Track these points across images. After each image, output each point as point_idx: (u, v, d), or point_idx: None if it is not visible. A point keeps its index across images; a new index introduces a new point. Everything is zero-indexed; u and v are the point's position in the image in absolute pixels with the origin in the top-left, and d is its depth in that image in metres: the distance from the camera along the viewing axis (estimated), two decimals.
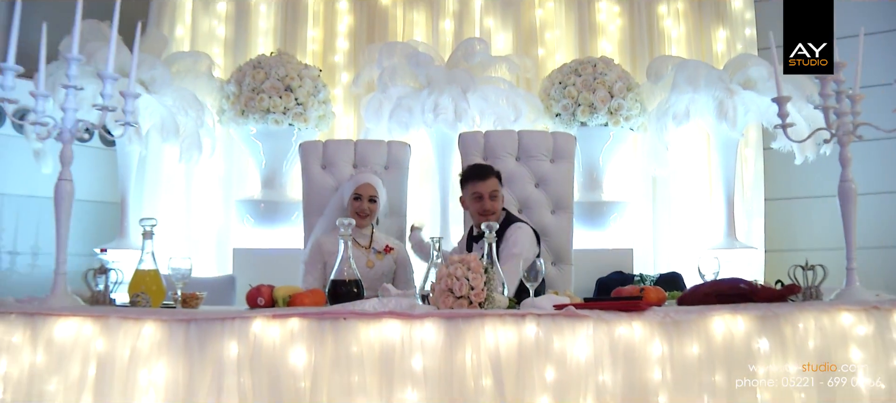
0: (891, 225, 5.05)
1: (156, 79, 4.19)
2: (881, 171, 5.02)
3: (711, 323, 2.31)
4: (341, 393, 2.18)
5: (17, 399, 2.21)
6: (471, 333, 2.23)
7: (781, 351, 2.31)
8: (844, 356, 2.34)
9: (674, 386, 2.25)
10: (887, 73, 4.90)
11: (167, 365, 2.22)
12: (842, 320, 2.38)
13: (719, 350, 2.29)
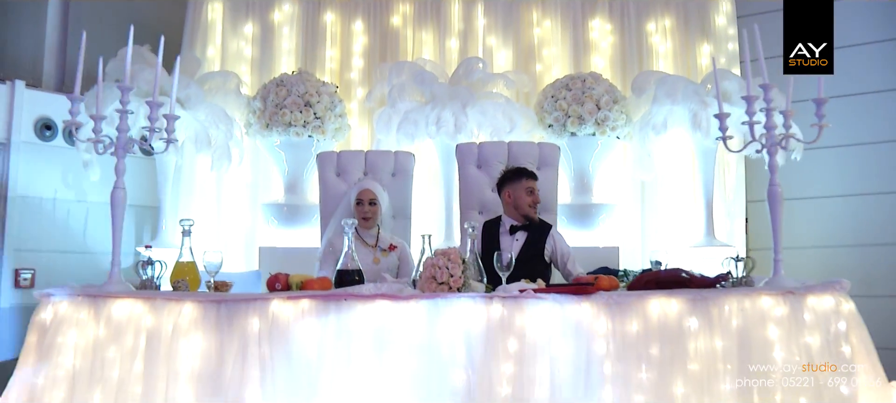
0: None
1: (190, 97, 4.78)
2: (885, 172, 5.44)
3: (649, 305, 2.81)
4: (342, 361, 2.72)
5: (84, 364, 2.79)
6: (448, 312, 2.75)
7: (709, 329, 2.80)
8: (762, 333, 2.82)
9: (616, 357, 2.75)
10: (887, 81, 5.37)
11: (202, 338, 2.78)
12: (762, 303, 2.86)
13: (655, 328, 2.79)
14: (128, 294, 2.89)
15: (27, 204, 4.90)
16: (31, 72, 5.14)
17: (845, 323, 2.89)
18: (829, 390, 2.80)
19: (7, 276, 4.82)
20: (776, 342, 2.81)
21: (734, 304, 2.83)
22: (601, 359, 2.74)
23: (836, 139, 5.58)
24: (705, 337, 2.79)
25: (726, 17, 5.51)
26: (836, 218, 5.56)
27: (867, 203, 5.45)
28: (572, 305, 2.78)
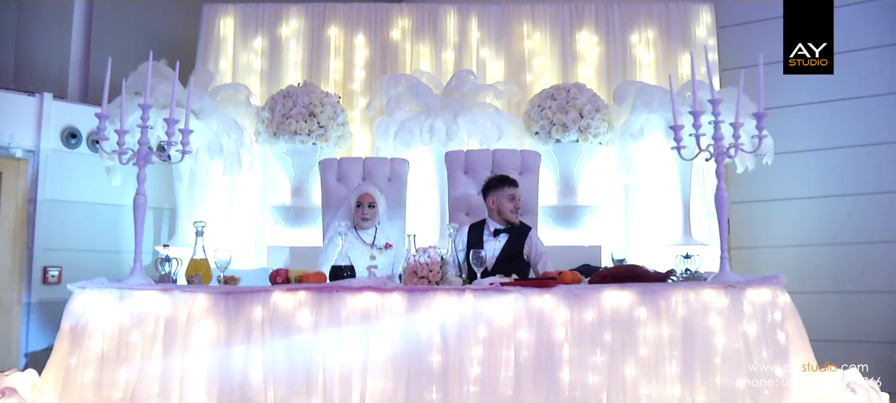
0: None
1: (204, 108, 5.23)
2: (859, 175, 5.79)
3: (603, 297, 3.22)
4: (333, 343, 3.15)
5: (111, 347, 3.24)
6: (425, 302, 3.18)
7: (656, 318, 3.21)
8: (704, 322, 3.21)
9: (573, 342, 3.16)
10: (862, 88, 5.70)
11: (213, 324, 3.22)
12: (705, 295, 3.26)
13: (608, 317, 3.19)
14: (149, 287, 3.34)
15: (54, 206, 5.37)
16: (57, 84, 5.62)
17: (781, 313, 3.28)
18: (765, 373, 3.19)
19: (36, 273, 5.30)
20: (717, 330, 3.21)
21: (680, 296, 3.23)
22: (560, 344, 3.16)
23: (813, 143, 5.96)
24: (653, 326, 3.19)
25: (706, 28, 5.90)
26: (813, 218, 5.92)
27: (842, 204, 5.81)
28: (535, 297, 3.19)
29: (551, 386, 3.11)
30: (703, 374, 3.16)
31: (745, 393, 3.16)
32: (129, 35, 6.09)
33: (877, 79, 5.75)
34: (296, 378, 3.13)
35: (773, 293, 3.30)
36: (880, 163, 5.68)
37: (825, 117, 5.91)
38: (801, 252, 5.94)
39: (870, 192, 5.71)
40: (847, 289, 5.73)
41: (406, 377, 3.11)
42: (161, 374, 3.17)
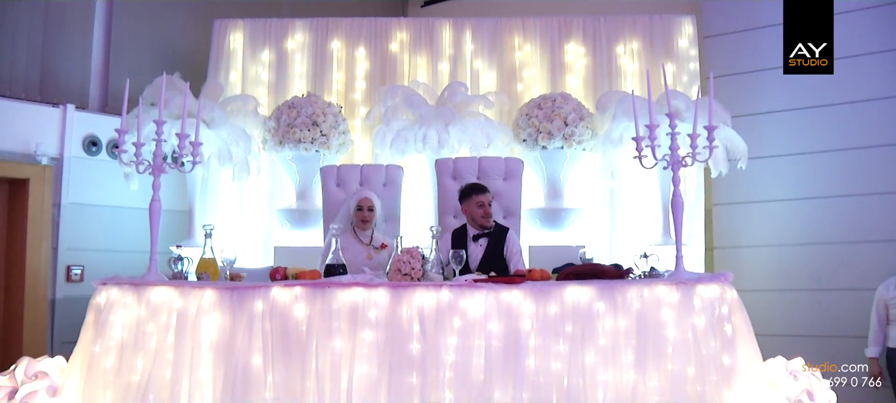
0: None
1: (214, 119, 5.69)
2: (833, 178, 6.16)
3: (566, 292, 3.63)
4: (325, 333, 3.58)
5: (129, 336, 3.69)
6: (407, 296, 3.60)
7: (614, 311, 3.61)
8: (657, 315, 3.61)
9: (538, 333, 3.57)
10: (860, 92, 6.04)
11: (219, 316, 3.66)
12: (658, 291, 3.65)
13: (570, 310, 3.60)
14: (163, 283, 3.79)
15: (77, 210, 5.86)
16: (78, 95, 6.11)
17: (728, 307, 3.67)
18: (713, 361, 3.59)
19: (61, 272, 5.79)
20: (669, 322, 3.60)
21: (635, 292, 3.63)
22: (527, 334, 3.57)
23: (790, 148, 6.33)
24: (611, 318, 3.60)
25: (688, 39, 6.29)
26: (790, 219, 6.29)
27: (817, 206, 6.18)
28: (505, 292, 3.61)
29: (518, 372, 3.52)
30: (656, 362, 3.56)
31: (694, 380, 3.55)
32: (146, 48, 6.58)
33: (850, 87, 6.09)
34: (292, 363, 3.56)
35: (721, 289, 3.69)
36: (853, 167, 6.04)
37: (802, 123, 6.28)
38: (778, 251, 6.31)
39: (843, 194, 6.07)
40: (822, 287, 6.09)
41: (389, 363, 3.53)
42: (173, 360, 3.62)
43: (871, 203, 5.95)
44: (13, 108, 5.60)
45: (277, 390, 3.55)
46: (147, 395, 3.58)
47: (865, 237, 5.91)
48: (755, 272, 6.40)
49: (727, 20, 6.64)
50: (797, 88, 6.25)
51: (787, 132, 6.33)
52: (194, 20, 6.80)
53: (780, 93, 6.37)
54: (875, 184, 5.93)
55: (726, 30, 6.63)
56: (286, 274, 3.86)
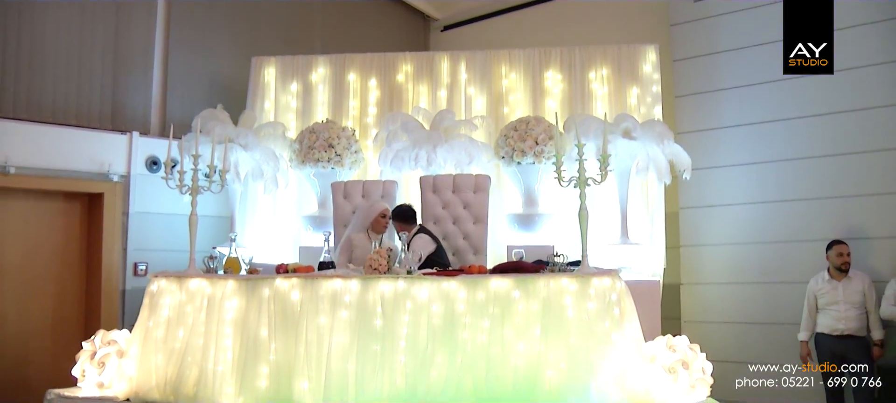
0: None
1: (249, 143, 7.26)
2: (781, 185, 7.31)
3: (490, 282, 5.00)
4: (313, 312, 5.05)
5: (173, 314, 5.26)
6: (373, 285, 5.04)
7: (526, 297, 4.96)
8: (560, 301, 4.93)
9: (469, 313, 4.94)
10: (801, 109, 7.15)
11: (237, 300, 5.19)
12: (561, 282, 4.97)
13: (493, 296, 4.97)
14: (198, 275, 5.35)
15: (142, 217, 7.53)
16: (141, 123, 7.78)
17: (617, 295, 4.95)
18: (606, 336, 4.89)
19: (129, 268, 7.46)
20: (569, 306, 4.93)
21: (543, 282, 4.97)
22: (461, 314, 4.95)
23: (744, 158, 7.50)
24: (524, 302, 4.95)
25: (651, 65, 7.52)
26: (743, 221, 7.46)
27: (766, 209, 7.35)
28: (444, 282, 5.02)
29: (453, 343, 4.91)
30: (558, 337, 4.88)
31: (588, 351, 4.85)
32: (197, 81, 8.22)
33: (794, 103, 7.21)
34: (288, 334, 5.05)
35: (612, 281, 4.98)
36: (797, 175, 7.18)
37: (753, 136, 7.44)
38: (734, 249, 7.51)
39: (789, 199, 7.22)
40: (770, 280, 7.26)
41: (358, 334, 4.98)
42: (204, 332, 5.17)
43: (810, 207, 7.08)
44: (90, 136, 7.31)
45: (278, 354, 5.05)
46: (186, 357, 5.15)
47: (804, 236, 7.04)
48: (715, 267, 7.62)
49: (694, 45, 7.84)
50: (751, 105, 7.41)
51: (741, 144, 7.50)
52: (237, 56, 8.41)
53: (736, 110, 7.55)
54: (809, 191, 7.07)
55: (693, 54, 7.84)
56: (288, 269, 5.38)
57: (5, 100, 6.93)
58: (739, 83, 7.54)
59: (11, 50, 7.00)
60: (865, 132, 6.85)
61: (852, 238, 6.72)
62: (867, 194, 6.83)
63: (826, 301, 6.56)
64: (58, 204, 7.36)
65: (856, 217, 6.87)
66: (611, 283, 4.98)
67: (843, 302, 6.49)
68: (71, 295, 7.34)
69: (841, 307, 6.49)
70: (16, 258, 6.97)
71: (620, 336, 4.89)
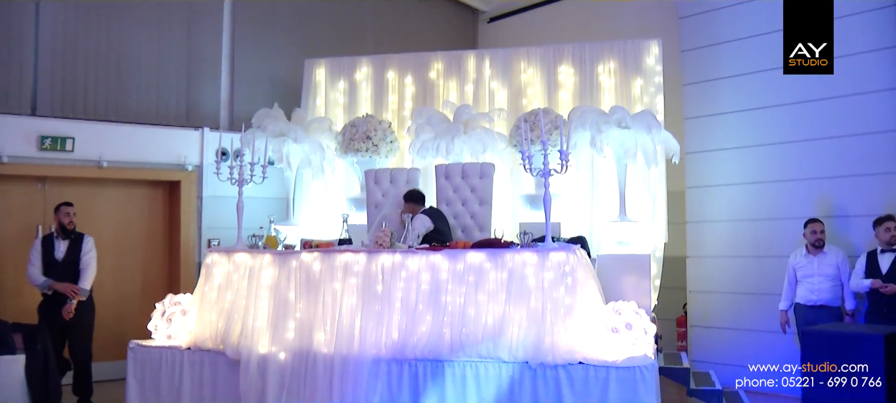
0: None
1: (299, 137, 8.99)
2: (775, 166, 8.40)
3: (468, 256, 6.52)
4: (329, 279, 6.71)
5: (223, 282, 7.05)
6: (376, 258, 6.66)
7: (496, 268, 6.45)
8: (522, 271, 6.39)
9: (451, 281, 6.49)
10: (794, 96, 8.29)
11: (272, 270, 6.92)
12: (524, 255, 6.42)
13: (470, 266, 6.47)
14: (242, 250, 7.11)
15: (212, 201, 9.42)
16: (212, 119, 9.67)
17: (571, 266, 6.35)
18: (559, 301, 6.32)
19: (204, 244, 9.38)
20: (530, 275, 6.37)
21: (509, 256, 6.43)
22: (444, 282, 6.49)
23: (742, 142, 8.66)
24: (494, 272, 6.43)
25: (654, 58, 8.77)
26: (738, 200, 8.64)
27: (760, 189, 8.49)
28: (431, 255, 6.58)
29: (438, 304, 6.46)
30: (520, 301, 6.32)
31: (545, 313, 6.27)
32: (260, 81, 10.05)
33: (788, 90, 8.28)
34: (310, 297, 6.74)
35: (566, 255, 6.39)
36: (788, 158, 8.29)
37: (750, 121, 8.58)
38: (731, 225, 8.70)
39: (779, 180, 8.35)
40: (761, 255, 8.43)
41: (363, 297, 6.61)
42: (246, 295, 6.93)
43: (797, 187, 8.20)
44: (168, 133, 9.27)
45: (302, 313, 6.76)
46: (232, 315, 6.93)
47: (790, 214, 8.16)
48: (716, 241, 8.84)
49: (700, 36, 9.01)
50: (751, 92, 8.53)
51: (739, 129, 8.66)
52: (295, 57, 10.16)
53: (737, 97, 8.70)
54: (796, 172, 8.18)
55: (699, 44, 9.01)
56: (312, 244, 7.07)
57: (98, 105, 8.97)
58: (741, 71, 8.66)
59: (102, 62, 9.03)
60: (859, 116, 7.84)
61: (832, 216, 7.84)
62: (846, 175, 7.88)
63: (803, 273, 7.70)
64: (143, 191, 9.39)
65: (836, 196, 7.95)
66: (565, 257, 6.39)
67: (817, 275, 7.61)
68: (155, 267, 9.36)
69: (815, 279, 7.61)
70: (110, 237, 9.00)
71: (573, 300, 6.30)
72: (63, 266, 7.54)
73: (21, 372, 6.70)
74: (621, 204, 8.39)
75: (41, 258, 7.55)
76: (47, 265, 7.53)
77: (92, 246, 7.71)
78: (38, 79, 8.77)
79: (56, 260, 7.55)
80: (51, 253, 7.56)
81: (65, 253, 7.58)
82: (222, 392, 6.80)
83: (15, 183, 8.71)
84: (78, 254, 7.59)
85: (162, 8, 9.50)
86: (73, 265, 7.56)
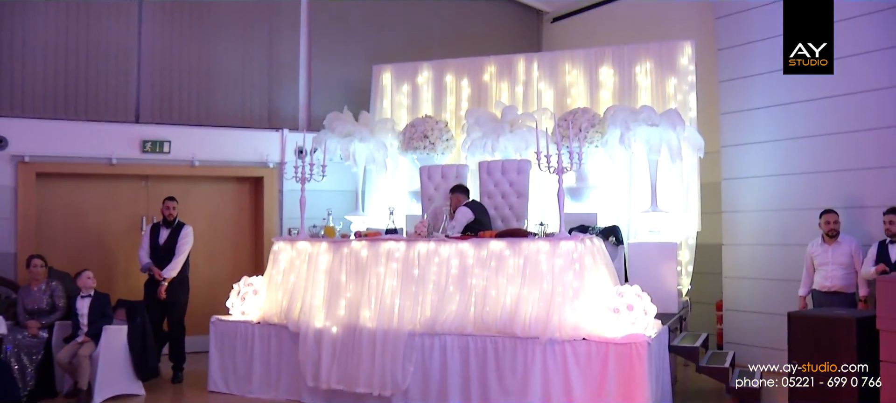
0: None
1: (364, 137, 10.37)
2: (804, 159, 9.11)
3: (490, 244, 7.73)
4: (374, 264, 8.07)
5: (287, 266, 8.52)
6: (414, 245, 7.96)
7: (514, 254, 7.63)
8: (536, 258, 7.53)
9: (476, 265, 7.72)
10: (821, 91, 9.12)
11: (327, 256, 8.34)
12: (538, 244, 7.56)
13: (492, 253, 7.70)
14: (303, 239, 8.55)
15: (293, 194, 10.90)
16: (291, 121, 11.21)
17: (579, 253, 7.45)
18: (568, 284, 7.44)
19: (284, 232, 10.92)
20: (543, 261, 7.52)
21: (526, 244, 7.60)
22: (470, 267, 7.73)
23: (769, 136, 9.47)
24: (513, 258, 7.61)
25: (687, 57, 9.68)
26: (768, 190, 9.46)
27: (790, 180, 9.29)
28: (460, 243, 7.82)
29: (465, 286, 7.71)
30: (534, 283, 7.48)
31: (555, 294, 7.40)
32: (334, 85, 11.52)
33: (818, 85, 9.01)
34: (358, 279, 8.10)
35: (575, 244, 7.49)
36: (813, 152, 9.07)
37: (778, 117, 9.38)
38: (762, 215, 9.54)
39: (805, 172, 9.14)
40: (788, 243, 9.24)
41: (402, 279, 7.92)
42: (305, 278, 8.37)
43: (820, 179, 8.98)
44: (252, 134, 10.86)
45: (351, 293, 8.14)
46: (294, 294, 8.39)
47: (813, 205, 8.93)
48: (749, 230, 9.69)
49: (736, 35, 9.84)
50: (781, 88, 9.31)
51: (774, 123, 9.46)
52: (366, 62, 11.56)
53: (769, 93, 9.50)
54: (821, 164, 8.96)
55: (734, 42, 9.84)
56: (362, 234, 8.43)
57: (190, 111, 10.67)
58: (771, 68, 9.43)
59: (194, 73, 10.73)
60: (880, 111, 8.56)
61: (852, 206, 8.60)
62: (866, 168, 8.61)
63: (819, 261, 8.49)
64: (231, 186, 11.04)
65: (856, 187, 8.68)
66: (574, 246, 7.50)
67: (831, 263, 8.39)
68: (243, 252, 11.01)
69: (830, 267, 8.39)
70: (203, 227, 10.64)
71: (580, 284, 7.41)
72: (163, 250, 9.22)
73: (124, 340, 8.34)
74: (652, 196, 9.37)
75: (149, 243, 9.25)
76: (153, 249, 9.26)
77: (187, 234, 9.36)
78: (141, 92, 10.52)
79: (159, 245, 9.26)
80: (156, 238, 9.30)
81: (166, 239, 9.28)
82: (286, 360, 8.27)
83: (122, 181, 10.50)
84: (175, 241, 9.26)
85: (245, 21, 11.14)
86: (171, 250, 9.22)
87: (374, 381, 7.70)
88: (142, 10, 10.58)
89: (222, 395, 8.46)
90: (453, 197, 9.07)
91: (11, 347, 8.02)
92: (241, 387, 8.43)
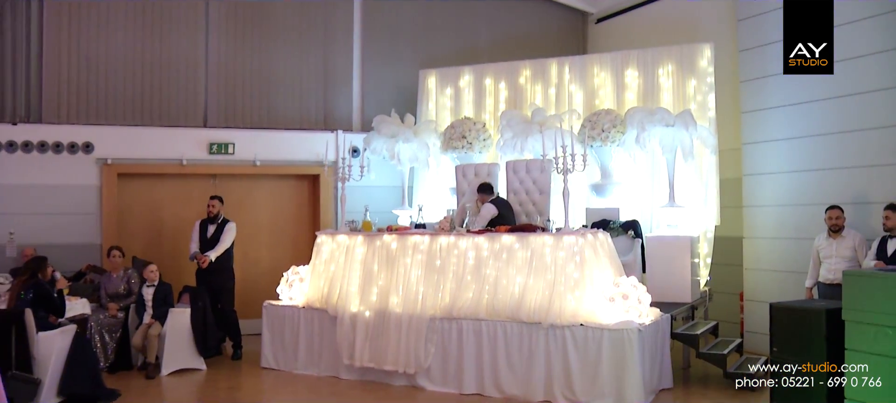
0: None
1: (408, 138, 11.55)
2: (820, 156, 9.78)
3: (502, 237, 8.80)
4: (403, 255, 9.25)
5: (329, 256, 9.77)
6: (437, 239, 9.11)
7: (523, 248, 8.68)
8: (542, 251, 8.55)
9: (491, 257, 8.80)
10: (831, 91, 9.83)
11: (363, 248, 9.57)
12: (544, 238, 8.59)
13: (504, 246, 8.77)
14: (342, 232, 9.79)
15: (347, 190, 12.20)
16: (345, 122, 12.50)
17: (579, 247, 8.44)
18: (570, 275, 8.43)
19: (341, 223, 12.21)
20: (547, 254, 8.53)
21: (532, 238, 8.62)
22: (486, 258, 8.81)
23: (786, 134, 10.19)
24: (522, 251, 8.64)
25: (707, 60, 10.47)
26: (785, 186, 10.17)
27: (805, 177, 10.00)
28: (476, 237, 8.91)
29: (480, 275, 8.79)
30: (539, 273, 8.50)
31: (558, 283, 8.39)
32: (384, 87, 12.75)
33: (829, 85, 9.68)
34: (389, 269, 9.28)
35: (576, 237, 8.47)
36: (826, 149, 9.75)
37: (795, 116, 10.08)
38: (780, 210, 10.27)
39: (818, 169, 9.84)
40: (801, 237, 9.95)
41: (426, 269, 9.06)
42: (343, 267, 9.61)
43: (831, 176, 9.66)
44: (309, 136, 12.19)
45: (383, 281, 9.33)
46: (335, 282, 9.64)
47: (824, 200, 9.62)
48: (767, 224, 10.43)
49: (757, 36, 10.55)
50: (796, 88, 9.99)
51: (790, 121, 10.16)
52: (415, 65, 12.73)
53: (783, 93, 10.20)
54: (833, 161, 9.64)
55: (756, 43, 10.56)
56: (392, 228, 9.61)
57: (253, 115, 12.08)
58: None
59: (256, 80, 12.14)
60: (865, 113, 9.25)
61: (859, 202, 9.28)
62: (874, 165, 9.25)
63: (824, 254, 9.20)
64: (290, 183, 12.43)
65: (866, 183, 9.33)
66: (575, 240, 8.49)
67: (835, 257, 9.08)
68: (302, 244, 12.36)
69: (833, 260, 9.07)
70: (265, 221, 12.06)
71: (580, 275, 8.40)
72: (210, 242, 10.67)
73: (187, 322, 9.77)
74: (670, 192, 10.23)
75: (198, 236, 10.70)
76: (202, 241, 10.70)
77: (229, 228, 10.76)
78: (208, 99, 12.01)
79: (206, 238, 10.71)
80: (204, 233, 10.75)
81: (212, 232, 10.72)
82: (326, 341, 9.54)
83: (193, 180, 12.03)
84: (220, 234, 10.67)
85: (302, 30, 12.51)
86: (216, 242, 10.65)
87: (401, 360, 8.89)
88: (209, 24, 12.02)
89: (273, 371, 9.79)
90: (479, 195, 10.15)
91: (94, 326, 9.56)
92: (289, 364, 9.74)
